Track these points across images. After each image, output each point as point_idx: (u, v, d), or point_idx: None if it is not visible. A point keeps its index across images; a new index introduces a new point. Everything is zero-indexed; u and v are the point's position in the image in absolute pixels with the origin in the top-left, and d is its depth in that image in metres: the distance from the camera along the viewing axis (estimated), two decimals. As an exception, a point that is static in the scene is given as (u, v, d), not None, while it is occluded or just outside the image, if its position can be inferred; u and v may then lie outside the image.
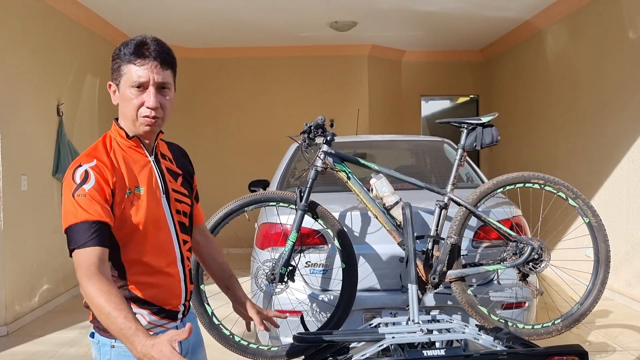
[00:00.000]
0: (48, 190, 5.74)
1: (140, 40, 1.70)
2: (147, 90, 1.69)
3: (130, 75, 1.68)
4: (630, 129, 5.39)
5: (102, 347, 1.73)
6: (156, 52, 1.70)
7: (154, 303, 1.74)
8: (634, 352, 4.17)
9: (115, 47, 1.74)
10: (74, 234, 1.57)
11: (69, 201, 1.59)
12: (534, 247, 2.89)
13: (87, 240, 1.55)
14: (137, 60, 1.68)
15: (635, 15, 5.33)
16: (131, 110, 1.70)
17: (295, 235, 2.92)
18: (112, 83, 1.74)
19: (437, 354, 2.17)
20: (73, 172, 1.62)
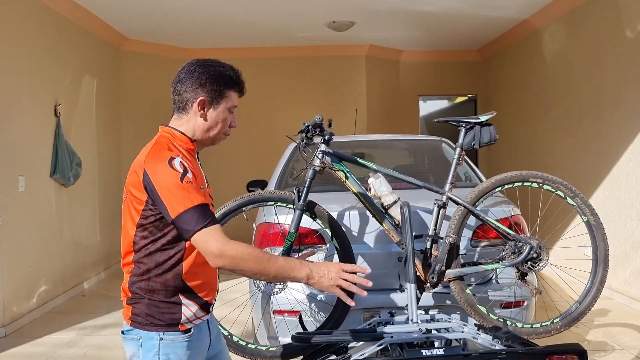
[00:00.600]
0: (46, 191, 5.73)
1: (240, 73, 2.03)
2: (233, 113, 2.02)
3: (232, 100, 2.00)
4: (629, 127, 5.39)
5: (147, 342, 1.82)
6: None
7: (199, 294, 1.89)
8: (632, 351, 4.17)
9: (220, 69, 1.97)
10: (196, 215, 1.72)
11: (179, 187, 1.74)
12: (532, 246, 2.88)
13: (211, 220, 1.74)
14: (238, 89, 2.02)
15: (632, 15, 5.34)
16: (222, 128, 1.98)
17: (294, 235, 2.91)
18: (206, 99, 1.94)
19: (436, 354, 2.17)
20: (169, 162, 1.77)
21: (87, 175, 6.68)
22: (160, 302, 1.84)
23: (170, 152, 1.82)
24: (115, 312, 5.52)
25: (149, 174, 1.78)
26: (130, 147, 8.09)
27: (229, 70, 1.98)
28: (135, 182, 1.82)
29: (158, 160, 1.79)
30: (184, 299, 1.86)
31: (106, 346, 4.56)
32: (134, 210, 1.84)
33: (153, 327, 1.82)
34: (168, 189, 1.74)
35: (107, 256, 7.45)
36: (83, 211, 6.66)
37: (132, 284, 1.87)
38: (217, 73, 1.95)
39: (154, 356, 1.81)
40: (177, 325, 1.84)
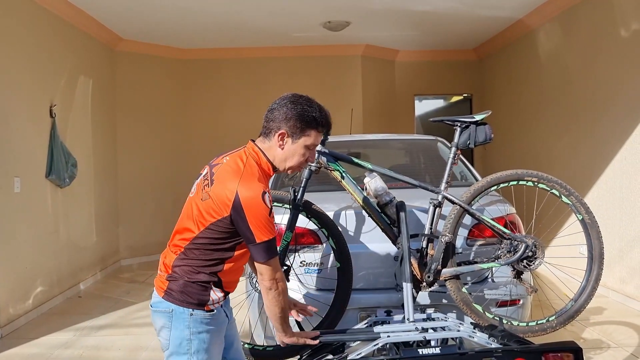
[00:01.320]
0: (41, 192, 5.72)
1: (327, 113, 2.23)
2: (311, 150, 2.22)
3: (312, 139, 2.18)
4: (623, 126, 5.41)
5: (178, 315, 2.10)
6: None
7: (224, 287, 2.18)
8: (628, 349, 4.18)
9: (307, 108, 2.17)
10: (272, 245, 2.08)
11: (267, 221, 2.05)
12: (527, 245, 2.90)
13: (277, 250, 2.14)
14: (321, 129, 2.20)
15: (627, 14, 5.36)
16: (297, 162, 2.20)
17: (290, 235, 2.92)
18: (289, 134, 2.16)
19: (433, 352, 2.18)
20: (262, 196, 2.03)
21: (83, 176, 6.66)
22: (195, 284, 2.11)
23: (261, 183, 2.08)
24: (112, 313, 5.51)
25: (242, 199, 2.01)
26: (126, 148, 8.10)
27: (316, 111, 2.17)
28: (222, 196, 2.04)
29: (252, 190, 2.03)
30: (214, 287, 2.14)
31: (103, 347, 4.56)
32: (209, 214, 2.07)
33: (185, 303, 2.10)
34: (259, 220, 2.02)
35: (103, 257, 7.43)
36: (79, 212, 6.65)
37: (176, 264, 2.14)
38: (303, 111, 2.16)
39: (185, 328, 2.09)
40: (204, 305, 2.12)
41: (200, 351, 2.09)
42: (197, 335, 2.09)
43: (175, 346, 2.11)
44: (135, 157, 8.20)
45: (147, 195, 8.26)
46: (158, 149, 8.38)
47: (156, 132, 8.38)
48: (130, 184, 8.14)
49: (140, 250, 8.21)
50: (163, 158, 8.39)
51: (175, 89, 8.64)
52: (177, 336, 2.10)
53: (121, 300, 5.99)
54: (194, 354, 2.09)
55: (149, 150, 8.34)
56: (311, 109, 2.17)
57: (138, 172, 8.25)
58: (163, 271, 2.19)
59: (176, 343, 2.10)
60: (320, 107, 2.22)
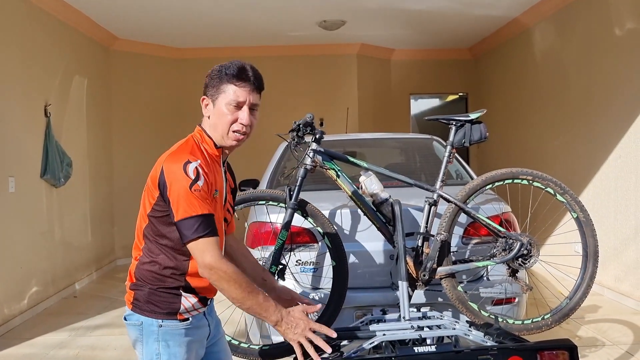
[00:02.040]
0: (36, 192, 5.70)
1: (241, 65, 1.96)
2: (241, 109, 1.94)
3: (229, 94, 1.93)
4: (618, 125, 5.43)
5: (147, 328, 1.91)
6: (254, 77, 1.97)
7: (198, 292, 1.96)
8: (623, 347, 4.20)
9: (214, 67, 1.98)
10: (199, 224, 1.79)
11: (186, 194, 1.79)
12: (523, 243, 2.90)
13: (211, 230, 1.81)
14: (238, 82, 1.93)
15: (622, 13, 5.37)
16: (224, 125, 1.94)
17: (285, 234, 2.92)
18: (207, 97, 1.97)
19: (428, 351, 2.18)
20: (184, 166, 1.82)
21: (78, 175, 6.65)
22: (162, 292, 1.91)
23: (191, 155, 1.86)
24: (108, 313, 5.50)
25: (165, 172, 1.84)
26: (121, 147, 8.08)
27: (230, 66, 1.95)
28: (153, 176, 1.91)
29: (175, 161, 1.85)
30: (184, 293, 1.93)
31: (98, 347, 4.55)
32: (148, 201, 1.93)
33: (153, 314, 1.91)
34: (177, 193, 1.81)
35: (99, 257, 7.42)
36: (74, 212, 6.63)
37: (137, 270, 1.96)
38: (216, 71, 1.97)
39: (154, 341, 1.90)
40: (176, 314, 1.92)
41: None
42: (166, 350, 1.90)
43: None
44: (131, 157, 8.18)
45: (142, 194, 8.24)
46: (153, 148, 8.31)
47: (152, 131, 8.37)
48: (125, 183, 8.12)
49: (136, 250, 8.19)
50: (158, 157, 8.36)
51: (170, 88, 8.62)
52: (148, 351, 1.92)
53: (117, 300, 5.98)
54: None
55: (145, 149, 8.31)
56: (224, 66, 1.96)
57: (133, 172, 8.22)
58: (128, 281, 1.99)
59: (148, 358, 1.92)
60: (239, 62, 1.97)
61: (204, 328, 2.04)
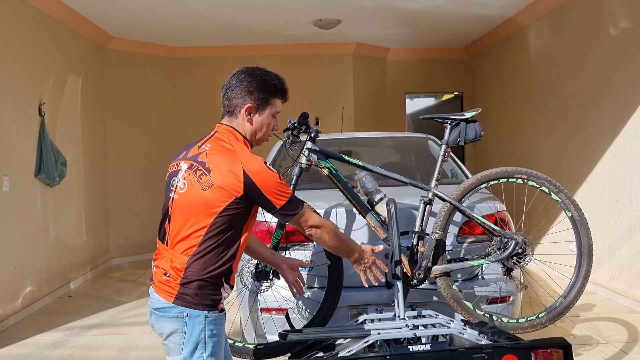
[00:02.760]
0: (30, 191, 5.68)
1: (283, 80, 2.31)
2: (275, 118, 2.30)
3: (277, 106, 2.29)
4: (612, 124, 5.45)
5: (193, 319, 2.05)
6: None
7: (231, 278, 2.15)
8: (617, 345, 4.22)
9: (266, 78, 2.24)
10: (295, 199, 2.19)
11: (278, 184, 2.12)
12: (517, 242, 2.91)
13: (303, 202, 2.22)
14: (282, 98, 2.30)
15: (615, 12, 5.39)
16: (267, 131, 2.28)
17: (280, 233, 2.92)
18: (253, 106, 2.21)
19: (423, 349, 2.18)
20: (265, 164, 2.11)
21: (73, 174, 6.62)
22: (210, 283, 2.07)
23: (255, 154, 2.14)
24: (102, 313, 5.49)
25: (251, 175, 2.06)
26: (116, 146, 8.06)
27: (275, 79, 2.24)
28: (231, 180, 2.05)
29: (255, 164, 2.09)
30: (225, 283, 2.13)
31: (93, 346, 4.54)
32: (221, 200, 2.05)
33: (201, 306, 2.05)
34: (273, 187, 2.10)
35: (94, 256, 7.39)
36: (68, 211, 6.61)
37: (191, 265, 2.06)
38: (263, 82, 2.22)
39: (201, 332, 2.05)
40: (217, 305, 2.10)
41: (214, 354, 2.07)
42: (211, 339, 2.06)
43: (189, 351, 2.05)
44: (126, 156, 8.16)
45: (137, 194, 8.22)
46: (148, 147, 8.34)
47: (146, 130, 8.35)
48: (120, 182, 8.11)
49: (131, 249, 8.18)
50: (153, 156, 8.35)
51: (165, 87, 8.60)
52: (193, 341, 2.04)
53: (112, 300, 5.97)
54: (209, 357, 2.06)
55: (139, 148, 8.31)
56: (270, 77, 2.24)
57: (128, 171, 8.21)
58: (173, 276, 2.07)
59: (191, 348, 2.04)
60: (277, 75, 2.29)
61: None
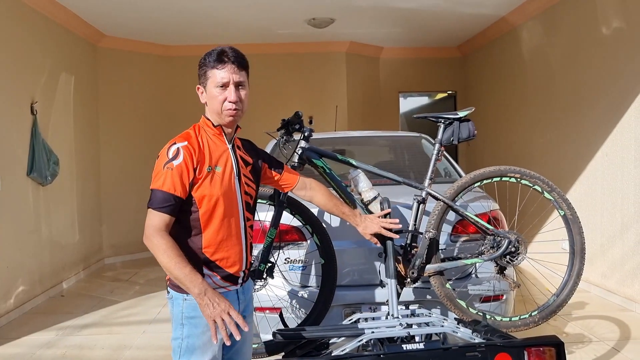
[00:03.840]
0: (23, 190, 5.65)
1: (221, 49, 2.17)
2: (228, 88, 2.15)
3: (215, 78, 2.14)
4: (604, 123, 5.48)
5: (176, 301, 2.12)
6: (233, 57, 2.16)
7: (221, 266, 2.14)
8: (609, 343, 4.24)
9: (204, 55, 2.18)
10: (156, 197, 2.04)
11: (160, 170, 2.05)
12: (510, 241, 2.92)
13: (163, 206, 2.03)
14: (219, 65, 2.14)
15: (608, 12, 5.42)
16: (217, 105, 2.16)
17: (274, 232, 2.91)
18: (200, 86, 2.21)
19: (416, 348, 2.18)
20: (168, 147, 2.08)
21: (65, 173, 6.59)
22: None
23: (182, 138, 2.12)
24: (95, 312, 5.47)
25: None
26: (109, 145, 8.02)
27: (212, 53, 2.16)
28: None
29: (167, 144, 2.10)
30: (207, 270, 2.12)
31: (86, 346, 4.52)
32: None
33: (179, 289, 2.10)
34: (156, 168, 2.08)
35: (86, 255, 7.36)
36: (61, 210, 6.58)
37: None
38: (202, 60, 2.18)
39: (179, 313, 2.11)
40: None
41: (191, 336, 2.09)
42: (189, 320, 2.09)
43: (174, 330, 2.14)
44: (118, 155, 8.13)
45: (130, 193, 8.19)
46: (141, 146, 8.31)
47: (139, 129, 8.32)
48: (113, 181, 8.07)
49: (124, 248, 8.15)
50: (146, 155, 8.29)
51: (158, 86, 8.57)
52: (176, 321, 2.13)
53: (105, 299, 5.95)
54: (185, 338, 2.09)
55: (132, 147, 8.27)
56: (206, 54, 2.18)
57: (121, 170, 8.18)
58: None
59: (174, 327, 2.14)
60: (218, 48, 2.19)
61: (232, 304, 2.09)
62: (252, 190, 2.33)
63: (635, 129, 5.05)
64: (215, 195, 2.10)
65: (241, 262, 2.20)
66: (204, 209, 2.10)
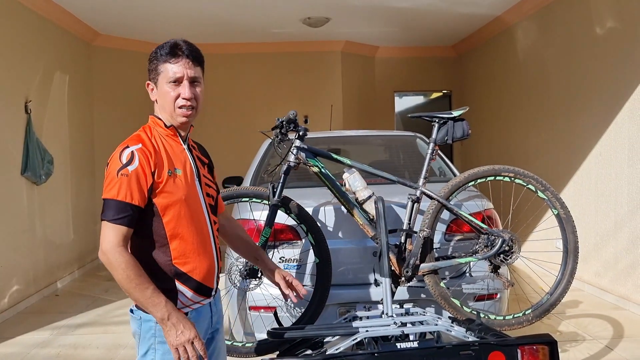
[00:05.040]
0: (17, 190, 5.63)
1: (174, 42, 1.99)
2: (182, 84, 1.95)
3: (167, 73, 1.95)
4: (599, 123, 5.50)
5: (145, 323, 1.90)
6: (188, 51, 1.98)
7: (194, 277, 1.95)
8: (602, 341, 4.26)
9: (154, 49, 2.00)
10: (110, 207, 1.83)
11: (113, 177, 1.85)
12: (504, 239, 2.93)
13: (119, 217, 1.82)
14: (172, 59, 1.95)
15: (602, 12, 5.44)
16: (169, 103, 1.96)
17: (269, 231, 2.92)
18: (150, 82, 2.01)
19: (411, 346, 2.19)
20: (121, 152, 1.88)
21: (59, 173, 6.57)
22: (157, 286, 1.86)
23: (134, 140, 1.93)
24: (90, 312, 5.45)
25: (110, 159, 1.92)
26: (103, 144, 7.99)
27: (164, 46, 1.98)
28: None
29: (118, 148, 1.91)
30: (179, 285, 1.93)
31: (80, 345, 4.51)
32: None
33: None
34: (108, 174, 1.88)
35: (81, 255, 7.34)
36: (55, 209, 6.56)
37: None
38: (153, 53, 2.00)
39: (151, 337, 1.90)
40: None
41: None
42: (162, 345, 1.87)
43: (141, 354, 1.93)
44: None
45: (125, 192, 8.17)
46: (136, 145, 8.29)
47: (134, 127, 8.19)
48: (108, 180, 8.05)
49: (119, 247, 8.12)
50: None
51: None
52: (144, 345, 1.92)
53: (99, 299, 5.93)
54: None
55: (127, 146, 8.25)
56: (158, 48, 1.99)
57: (116, 169, 8.15)
58: None
59: (143, 352, 1.92)
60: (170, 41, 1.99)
61: (205, 320, 2.02)
62: (213, 191, 2.16)
63: (628, 128, 5.07)
64: (180, 201, 1.91)
65: (214, 270, 2.03)
66: (168, 216, 1.90)
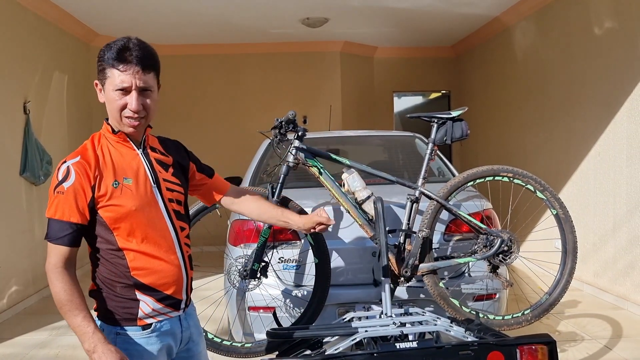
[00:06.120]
0: (15, 190, 5.62)
1: (123, 44, 1.77)
2: (130, 94, 1.77)
3: (114, 79, 1.76)
4: (597, 123, 5.51)
5: (107, 335, 1.78)
6: (138, 58, 1.77)
7: (156, 289, 1.83)
8: (601, 341, 4.26)
9: (101, 49, 1.81)
10: (50, 227, 1.74)
11: (51, 195, 1.75)
12: (503, 240, 2.94)
13: (58, 237, 1.74)
14: (120, 66, 1.75)
15: (600, 12, 5.44)
16: (115, 112, 1.80)
17: (268, 231, 2.92)
18: (98, 82, 1.83)
19: (410, 347, 2.19)
20: (58, 168, 1.76)
21: (58, 173, 6.56)
22: (116, 296, 1.83)
23: (75, 154, 1.79)
24: (89, 312, 5.45)
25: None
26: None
27: (112, 47, 1.77)
28: None
29: (59, 163, 1.78)
30: (140, 295, 1.82)
31: (79, 346, 4.45)
32: None
33: (109, 321, 1.83)
34: (49, 193, 1.78)
35: (79, 255, 7.30)
36: (54, 210, 6.54)
37: (93, 276, 1.92)
38: (100, 52, 1.79)
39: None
40: (135, 320, 1.82)
41: None
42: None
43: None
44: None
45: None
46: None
47: (133, 128, 8.28)
48: (107, 181, 8.04)
49: (118, 248, 8.11)
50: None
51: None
52: None
53: (98, 299, 5.93)
54: None
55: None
56: (105, 47, 1.78)
57: (115, 170, 8.15)
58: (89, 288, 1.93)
59: None
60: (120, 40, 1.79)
61: (175, 334, 1.91)
62: (180, 195, 1.96)
63: (627, 128, 5.08)
64: (129, 212, 1.78)
65: (180, 281, 1.88)
66: (118, 229, 1.79)
